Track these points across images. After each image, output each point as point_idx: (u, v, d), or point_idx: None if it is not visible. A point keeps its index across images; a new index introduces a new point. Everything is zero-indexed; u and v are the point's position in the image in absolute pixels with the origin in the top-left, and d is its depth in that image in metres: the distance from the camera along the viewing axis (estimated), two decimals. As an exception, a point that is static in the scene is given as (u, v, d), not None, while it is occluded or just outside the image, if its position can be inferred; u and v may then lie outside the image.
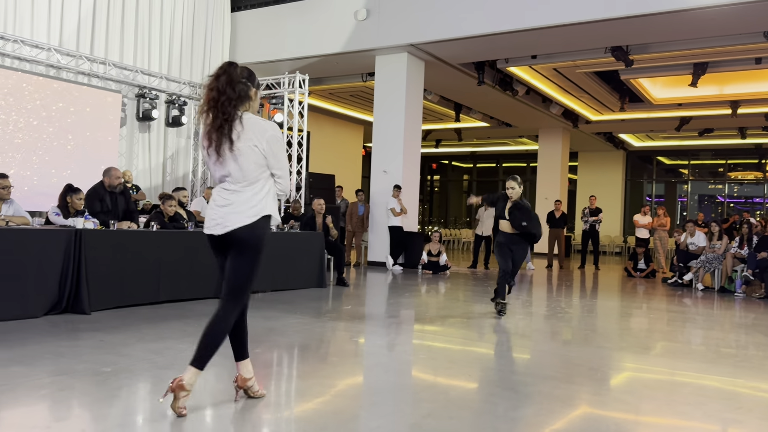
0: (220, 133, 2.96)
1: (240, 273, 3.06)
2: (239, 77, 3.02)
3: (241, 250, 3.04)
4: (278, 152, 3.07)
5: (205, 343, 3.02)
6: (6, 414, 3.00)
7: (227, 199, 3.04)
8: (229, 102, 2.96)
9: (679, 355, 5.06)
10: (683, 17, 9.78)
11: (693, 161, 23.39)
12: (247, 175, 3.01)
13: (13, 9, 9.80)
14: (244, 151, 2.98)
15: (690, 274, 10.62)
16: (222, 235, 3.03)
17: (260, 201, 3.04)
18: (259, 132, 3.01)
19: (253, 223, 3.02)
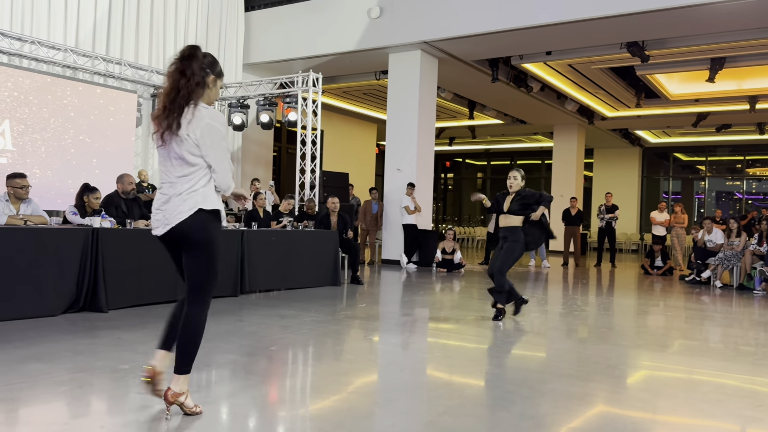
0: (170, 119, 2.84)
1: (195, 271, 2.95)
2: (202, 62, 2.92)
3: (189, 247, 2.94)
4: (213, 143, 2.90)
5: (183, 349, 2.93)
6: (26, 411, 3.04)
7: (166, 194, 2.95)
8: (194, 87, 2.87)
9: (698, 353, 5.01)
10: (700, 12, 9.67)
11: (710, 157, 23.14)
12: (183, 165, 2.90)
13: (30, 11, 9.91)
14: (184, 138, 2.85)
15: (708, 272, 10.51)
16: (168, 234, 2.94)
17: (196, 194, 2.90)
18: (197, 120, 2.87)
19: (191, 218, 2.88)
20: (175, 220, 2.89)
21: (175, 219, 2.89)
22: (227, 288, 7.13)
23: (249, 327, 5.35)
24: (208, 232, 2.93)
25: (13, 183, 5.97)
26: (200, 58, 2.92)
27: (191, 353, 2.95)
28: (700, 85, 14.47)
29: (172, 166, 2.92)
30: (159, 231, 2.97)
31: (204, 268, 2.95)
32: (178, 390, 2.91)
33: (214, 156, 2.92)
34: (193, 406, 2.98)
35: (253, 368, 3.97)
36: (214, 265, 2.97)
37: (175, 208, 2.90)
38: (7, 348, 4.22)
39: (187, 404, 2.96)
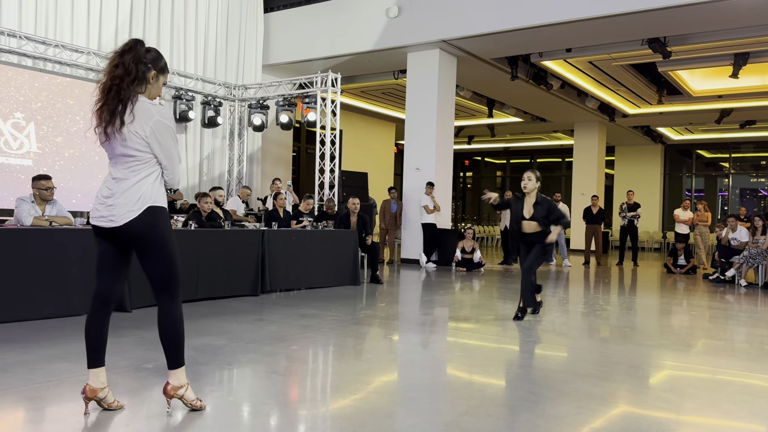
0: (112, 114, 2.78)
1: (158, 270, 2.93)
2: (143, 56, 2.87)
3: (143, 248, 2.91)
4: (163, 139, 2.87)
5: (167, 345, 2.97)
6: (51, 409, 3.09)
7: (110, 189, 2.89)
8: (129, 81, 2.80)
9: (722, 353, 4.94)
10: (722, 7, 9.52)
11: (734, 154, 22.79)
12: (130, 162, 2.86)
13: (54, 15, 10.07)
14: (128, 136, 2.81)
15: (732, 270, 10.35)
16: (113, 228, 2.88)
17: (142, 191, 2.86)
18: (145, 117, 2.83)
19: (140, 218, 2.84)
20: (123, 218, 2.84)
21: (124, 217, 2.84)
22: (247, 287, 7.18)
23: (269, 326, 5.39)
24: (160, 228, 2.90)
25: (39, 184, 6.07)
26: (140, 51, 2.86)
27: (178, 348, 2.97)
28: (724, 80, 14.26)
29: (118, 162, 2.88)
30: (103, 223, 2.89)
31: (166, 265, 2.93)
32: (177, 384, 2.96)
33: (165, 153, 2.89)
34: (194, 399, 3.03)
35: (274, 367, 3.99)
36: (174, 260, 2.95)
37: (123, 206, 2.85)
38: (33, 347, 4.29)
39: (186, 397, 3.00)
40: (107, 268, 2.99)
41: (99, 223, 2.89)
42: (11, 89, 9.17)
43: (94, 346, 2.96)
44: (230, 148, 13.23)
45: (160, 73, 2.95)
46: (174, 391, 2.96)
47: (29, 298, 5.26)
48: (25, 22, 9.66)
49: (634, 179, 22.73)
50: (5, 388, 3.34)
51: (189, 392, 3.01)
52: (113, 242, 2.95)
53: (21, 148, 9.30)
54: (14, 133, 9.23)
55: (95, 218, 2.91)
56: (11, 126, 9.19)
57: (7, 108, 9.13)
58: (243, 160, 13.26)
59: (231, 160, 13.23)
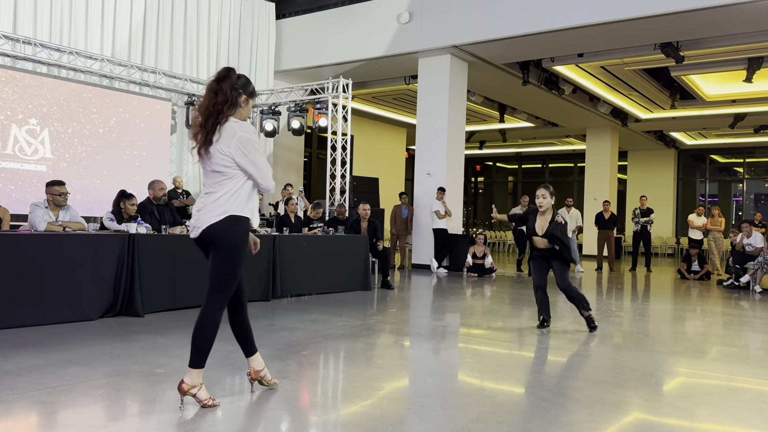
0: (207, 135, 3.11)
1: (214, 273, 3.14)
2: (234, 83, 3.17)
3: (214, 250, 3.15)
4: (248, 152, 3.13)
5: (196, 345, 3.14)
6: (64, 413, 3.11)
7: (202, 203, 3.20)
8: (222, 106, 3.12)
9: (737, 360, 4.88)
10: (736, 11, 9.46)
11: (748, 159, 22.58)
12: (217, 177, 3.15)
13: (68, 22, 10.18)
14: (214, 153, 3.11)
15: (747, 276, 10.25)
16: (199, 237, 3.17)
17: (226, 202, 3.13)
18: (229, 136, 3.12)
19: (219, 223, 3.11)
20: (205, 223, 3.13)
21: (205, 223, 3.13)
22: (259, 292, 7.20)
23: (280, 331, 5.39)
24: (235, 237, 3.14)
25: (52, 190, 6.13)
26: (233, 79, 3.17)
27: (205, 349, 3.15)
28: (737, 85, 14.14)
29: (209, 177, 3.19)
30: (192, 234, 3.21)
31: (223, 270, 3.14)
32: (191, 382, 3.12)
33: (253, 165, 3.15)
34: (207, 398, 3.16)
35: (285, 372, 3.99)
36: (234, 270, 3.16)
37: (207, 214, 3.14)
38: (46, 352, 4.32)
39: (199, 396, 3.14)
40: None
41: (191, 234, 3.22)
42: (26, 96, 9.27)
43: (242, 340, 3.39)
44: (242, 154, 13.27)
45: (249, 97, 3.25)
46: (188, 389, 3.11)
47: (43, 303, 5.30)
48: (40, 30, 9.77)
49: (647, 184, 22.58)
50: (18, 392, 3.36)
51: (202, 392, 3.15)
52: (207, 253, 3.23)
53: (35, 154, 9.40)
54: (29, 140, 9.32)
55: (191, 232, 3.24)
56: (26, 132, 9.29)
57: (22, 114, 9.24)
58: (255, 166, 13.29)
59: (243, 166, 13.27)
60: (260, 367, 3.44)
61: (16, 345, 4.50)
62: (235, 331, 3.39)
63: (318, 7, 13.25)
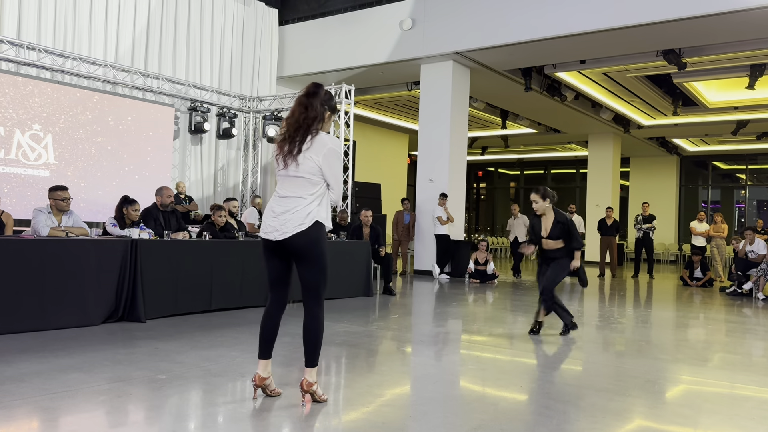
0: (292, 145, 3.31)
1: (311, 276, 3.36)
2: (322, 99, 3.37)
3: (304, 255, 3.33)
4: (333, 164, 3.36)
5: (309, 343, 3.40)
6: (66, 420, 3.10)
7: (284, 206, 3.34)
8: (312, 120, 3.32)
9: (740, 368, 4.87)
10: (738, 18, 9.47)
11: (751, 165, 22.56)
12: (303, 183, 3.33)
13: (72, 28, 10.23)
14: (303, 162, 3.30)
15: (750, 283, 10.22)
16: (281, 241, 3.31)
17: (314, 209, 3.32)
18: (319, 146, 3.33)
19: (308, 229, 3.29)
20: (294, 229, 3.29)
21: (295, 229, 3.29)
22: (260, 298, 7.19)
23: (283, 337, 5.38)
24: (321, 243, 3.36)
25: (55, 195, 6.15)
26: (321, 95, 3.38)
27: (317, 347, 3.41)
28: (740, 92, 14.15)
29: (291, 183, 3.36)
30: (273, 236, 3.34)
31: (320, 275, 3.38)
32: (312, 380, 3.39)
33: (334, 176, 3.38)
34: (322, 394, 3.46)
35: (287, 378, 3.99)
36: (326, 271, 3.41)
37: (294, 220, 3.30)
38: (48, 357, 4.32)
39: (317, 392, 3.43)
40: (278, 280, 3.48)
41: (269, 236, 3.35)
42: (30, 101, 9.31)
43: (267, 338, 3.48)
44: (244, 159, 13.32)
45: (332, 112, 3.47)
46: (309, 387, 3.37)
47: (45, 308, 5.30)
48: (44, 36, 9.82)
49: (649, 191, 22.57)
50: (20, 397, 3.36)
51: (319, 388, 3.44)
52: (279, 255, 3.40)
53: (38, 160, 9.42)
54: (32, 145, 9.35)
55: (266, 233, 3.37)
56: (29, 138, 9.31)
57: (26, 120, 9.27)
58: (257, 171, 13.35)
59: (245, 171, 13.31)
60: (266, 375, 3.48)
61: (19, 350, 4.50)
62: (266, 328, 3.49)
63: (321, 13, 13.30)
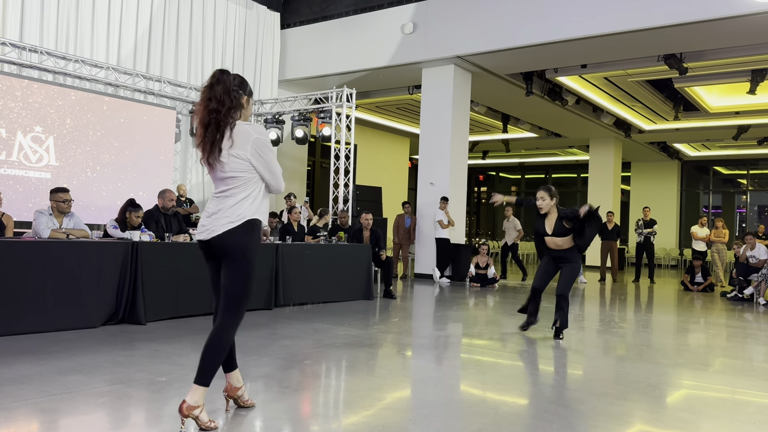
0: (213, 144, 2.99)
1: (233, 283, 3.02)
2: (232, 85, 3.05)
3: (228, 258, 3.02)
4: (264, 154, 3.07)
5: (207, 362, 2.96)
6: (65, 422, 3.10)
7: (217, 206, 3.09)
8: (226, 112, 2.99)
9: (741, 373, 4.86)
10: (740, 23, 9.48)
11: (752, 170, 22.55)
12: (232, 182, 3.05)
13: (74, 31, 10.25)
14: (229, 161, 3.01)
15: (751, 288, 10.21)
16: (210, 240, 3.05)
17: (246, 208, 3.05)
18: (244, 139, 3.03)
19: (237, 228, 3.01)
20: (221, 228, 3.02)
21: (222, 227, 3.02)
22: (261, 301, 7.20)
23: (283, 340, 5.39)
24: (249, 247, 3.04)
25: (56, 197, 6.15)
26: (229, 82, 3.04)
27: (214, 366, 2.96)
28: (741, 97, 14.15)
29: (224, 184, 3.08)
30: (203, 236, 3.08)
31: (240, 285, 3.02)
32: (193, 403, 2.91)
33: (266, 166, 3.09)
34: (208, 421, 2.96)
35: (287, 382, 3.99)
36: (249, 282, 3.05)
37: (224, 218, 3.03)
38: (48, 359, 4.32)
39: (201, 418, 2.94)
40: (218, 285, 3.14)
41: (200, 236, 3.10)
42: (32, 103, 9.32)
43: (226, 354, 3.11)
44: (246, 162, 13.32)
45: (249, 96, 3.14)
46: (189, 411, 2.90)
47: (45, 310, 5.30)
48: (46, 38, 9.84)
49: (650, 195, 22.56)
50: (20, 399, 3.36)
51: (203, 414, 2.95)
52: (214, 260, 3.13)
53: (40, 162, 9.43)
54: (33, 147, 9.36)
55: (199, 233, 3.12)
56: (30, 140, 9.33)
57: (28, 122, 9.28)
58: (258, 174, 13.33)
59: (246, 174, 13.31)
60: (239, 385, 3.27)
61: (18, 352, 4.50)
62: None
63: (323, 17, 13.32)
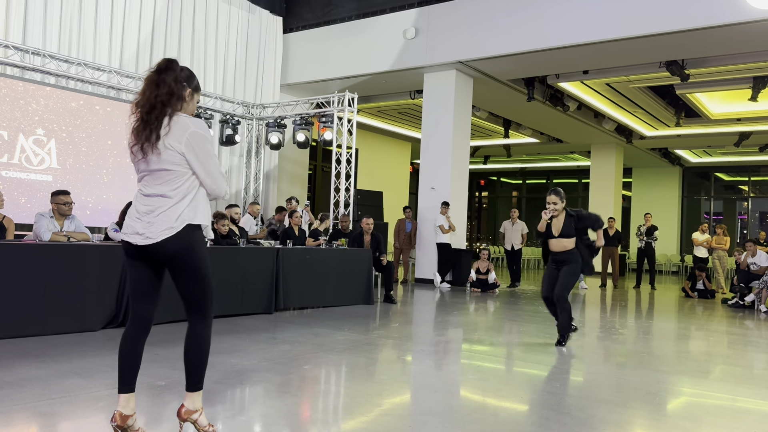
0: (148, 130, 2.76)
1: (192, 288, 2.88)
2: (178, 75, 2.86)
3: (178, 265, 2.84)
4: (199, 150, 2.81)
5: (194, 365, 2.88)
6: (64, 425, 3.10)
7: (149, 205, 2.82)
8: (166, 98, 2.79)
9: (742, 380, 4.84)
10: (741, 30, 9.49)
11: (753, 177, 22.54)
12: (166, 176, 2.81)
13: (77, 34, 10.27)
14: (164, 151, 2.77)
15: (752, 296, 10.19)
16: (146, 247, 2.80)
17: (185, 208, 2.81)
18: (180, 131, 2.79)
19: (179, 233, 2.78)
20: (160, 235, 2.77)
21: (162, 234, 2.77)
22: (261, 305, 7.19)
23: (282, 345, 5.38)
24: (197, 249, 2.85)
25: (57, 199, 6.16)
26: (177, 71, 2.86)
27: (201, 370, 2.89)
28: (743, 104, 14.15)
29: (155, 178, 2.83)
30: (138, 240, 2.80)
31: (200, 286, 2.88)
32: (192, 407, 2.87)
33: (202, 164, 2.83)
34: (207, 425, 2.92)
35: (286, 387, 3.98)
36: (208, 281, 2.90)
37: (162, 222, 2.78)
38: (47, 362, 4.32)
39: (200, 422, 2.90)
40: (144, 291, 2.92)
41: (133, 239, 2.81)
42: (34, 106, 9.34)
43: (128, 365, 2.86)
44: (247, 166, 13.34)
45: (194, 91, 2.95)
46: (188, 415, 2.86)
47: (45, 313, 5.30)
48: (49, 41, 9.86)
49: (651, 202, 22.56)
50: (19, 402, 3.36)
51: (202, 418, 2.91)
52: (146, 262, 2.87)
53: (42, 164, 9.44)
54: (35, 149, 9.37)
55: (129, 234, 2.83)
56: (32, 142, 9.34)
57: (30, 124, 9.29)
58: (259, 178, 13.36)
59: (248, 178, 13.33)
60: (129, 413, 2.83)
61: (18, 355, 4.50)
62: (125, 354, 2.86)
63: (325, 21, 13.35)
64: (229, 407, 3.47)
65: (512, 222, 13.16)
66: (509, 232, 13.10)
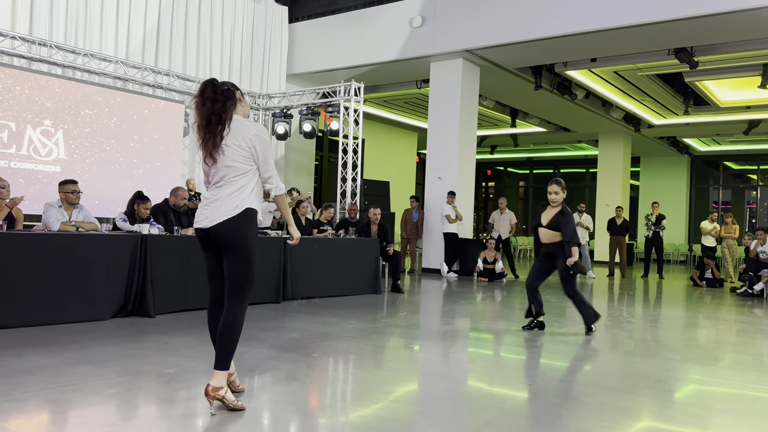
0: (215, 135, 3.13)
1: (236, 272, 3.15)
2: (222, 85, 3.21)
3: (229, 246, 3.15)
4: (264, 151, 3.22)
5: (223, 346, 3.11)
6: (76, 412, 3.12)
7: (215, 195, 3.20)
8: (218, 109, 3.13)
9: (750, 368, 4.83)
10: (751, 16, 9.39)
11: (762, 166, 22.39)
12: (231, 172, 3.16)
13: (83, 24, 10.28)
14: (228, 152, 3.15)
15: (761, 284, 10.15)
16: (209, 229, 3.16)
17: (245, 197, 3.17)
18: (243, 131, 3.18)
19: (236, 216, 3.13)
20: (221, 217, 3.13)
21: (222, 216, 3.13)
22: (269, 295, 7.22)
23: (290, 333, 5.40)
24: (249, 233, 3.16)
25: (65, 188, 6.19)
26: (217, 83, 3.20)
27: (230, 350, 3.12)
28: (752, 91, 14.04)
29: (221, 174, 3.19)
30: (202, 224, 3.19)
31: (244, 269, 3.16)
32: (217, 385, 3.07)
33: (265, 163, 3.23)
34: (234, 401, 3.13)
35: (295, 374, 4.00)
36: (252, 267, 3.18)
37: (223, 207, 3.14)
38: (58, 351, 4.35)
39: (228, 398, 3.10)
40: (213, 274, 3.29)
41: (199, 224, 3.20)
42: (41, 97, 9.36)
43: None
44: (254, 157, 13.35)
45: (242, 95, 3.31)
46: (215, 392, 3.06)
47: (55, 302, 5.34)
48: (55, 32, 9.87)
49: (660, 191, 22.45)
50: (30, 390, 3.39)
51: (229, 393, 3.12)
52: (212, 248, 3.24)
53: (50, 155, 9.48)
54: (43, 140, 9.40)
55: (199, 221, 3.22)
56: (40, 133, 9.37)
57: (37, 116, 9.32)
58: (266, 169, 13.35)
59: (254, 168, 13.34)
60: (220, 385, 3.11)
61: (29, 344, 4.53)
62: (214, 330, 3.26)
63: (331, 11, 13.30)
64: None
65: (501, 211, 12.97)
66: (497, 221, 12.91)
